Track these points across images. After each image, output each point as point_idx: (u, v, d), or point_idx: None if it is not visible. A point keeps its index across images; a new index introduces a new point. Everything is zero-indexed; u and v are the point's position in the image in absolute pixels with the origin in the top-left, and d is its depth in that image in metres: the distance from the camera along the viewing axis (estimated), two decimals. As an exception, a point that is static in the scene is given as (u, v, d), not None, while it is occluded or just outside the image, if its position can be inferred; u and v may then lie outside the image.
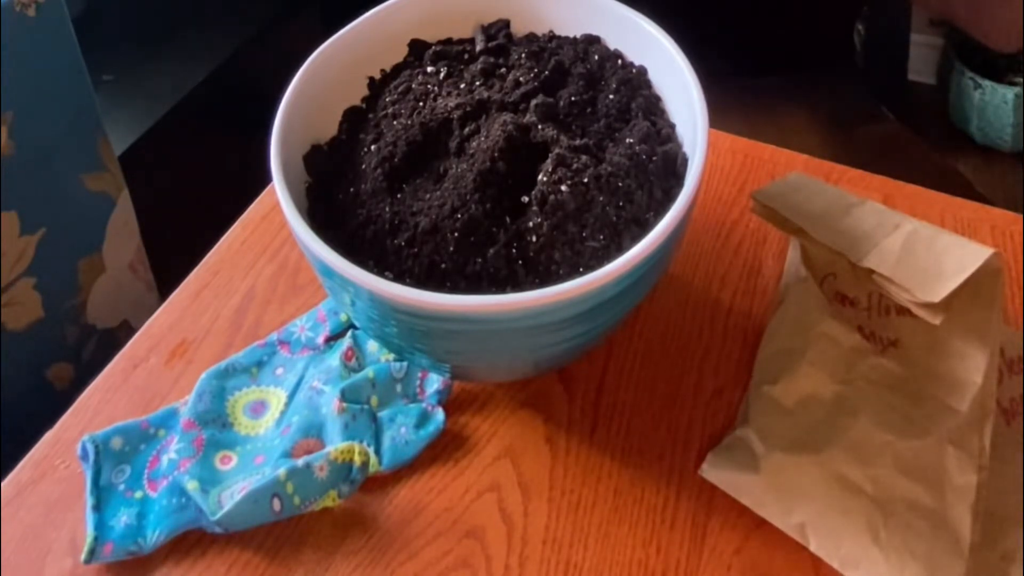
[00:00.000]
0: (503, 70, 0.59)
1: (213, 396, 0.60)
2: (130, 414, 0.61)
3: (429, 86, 0.58)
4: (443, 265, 0.50)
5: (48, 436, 0.60)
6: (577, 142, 0.53)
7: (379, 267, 0.51)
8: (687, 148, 0.55)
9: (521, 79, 0.57)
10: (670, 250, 0.51)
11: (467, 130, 0.55)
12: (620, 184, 0.51)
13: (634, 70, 0.59)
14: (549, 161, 0.51)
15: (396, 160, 0.54)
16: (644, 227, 0.50)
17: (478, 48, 0.61)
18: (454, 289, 0.50)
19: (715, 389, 0.61)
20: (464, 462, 0.58)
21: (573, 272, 0.49)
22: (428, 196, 0.53)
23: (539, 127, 0.53)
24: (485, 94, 0.56)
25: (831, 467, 0.54)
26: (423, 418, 0.59)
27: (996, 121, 1.88)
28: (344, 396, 0.58)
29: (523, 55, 0.59)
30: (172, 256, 0.87)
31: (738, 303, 0.66)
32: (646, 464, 0.58)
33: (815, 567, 0.53)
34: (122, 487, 0.56)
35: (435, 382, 0.61)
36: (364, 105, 0.60)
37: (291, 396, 0.61)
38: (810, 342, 0.59)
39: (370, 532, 0.55)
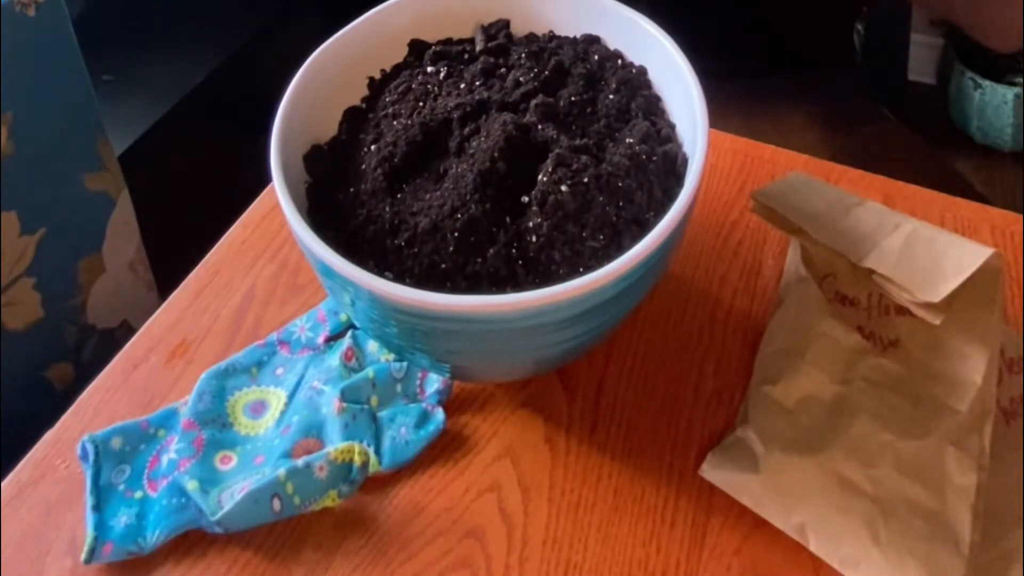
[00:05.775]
0: (503, 70, 0.59)
1: (213, 396, 0.60)
2: (130, 414, 0.61)
3: (429, 86, 0.58)
4: (443, 265, 0.50)
5: (48, 436, 0.60)
6: (577, 142, 0.53)
7: (379, 267, 0.51)
8: (687, 148, 0.55)
9: (521, 79, 0.57)
10: (670, 250, 0.51)
11: (467, 130, 0.54)
12: (620, 184, 0.51)
13: (634, 70, 0.59)
14: (549, 161, 0.51)
15: (396, 160, 0.54)
16: (644, 227, 0.50)
17: (478, 48, 0.61)
18: (454, 289, 0.50)
19: (715, 389, 0.61)
20: (464, 462, 0.58)
21: (573, 272, 0.49)
22: (428, 196, 0.53)
23: (539, 127, 0.53)
24: (485, 94, 0.56)
25: (831, 467, 0.54)
26: (423, 418, 0.59)
27: (996, 121, 1.88)
28: (344, 396, 0.58)
29: (523, 55, 0.59)
30: (172, 256, 0.87)
31: (738, 303, 0.65)
32: (646, 464, 0.58)
33: (815, 567, 0.53)
34: (122, 487, 0.56)
35: (435, 382, 0.61)
36: (364, 105, 0.60)
37: (291, 396, 0.61)
38: (810, 342, 0.59)
39: (370, 532, 0.55)
